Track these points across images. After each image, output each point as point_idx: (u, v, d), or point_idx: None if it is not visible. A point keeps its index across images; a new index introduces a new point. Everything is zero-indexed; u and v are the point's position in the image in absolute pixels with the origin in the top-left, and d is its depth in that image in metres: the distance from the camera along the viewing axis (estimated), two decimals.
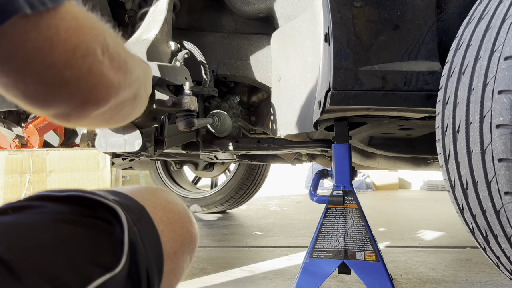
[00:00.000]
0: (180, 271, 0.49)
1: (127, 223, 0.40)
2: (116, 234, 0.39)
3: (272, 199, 4.84)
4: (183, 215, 0.51)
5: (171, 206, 0.50)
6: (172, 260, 0.47)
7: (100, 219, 0.40)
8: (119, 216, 0.41)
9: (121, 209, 0.41)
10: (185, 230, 0.50)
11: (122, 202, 0.43)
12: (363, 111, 1.12)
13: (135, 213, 0.43)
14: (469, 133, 0.82)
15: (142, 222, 0.43)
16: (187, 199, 3.20)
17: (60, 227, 0.37)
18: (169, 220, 0.48)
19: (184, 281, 1.50)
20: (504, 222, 0.79)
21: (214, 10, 1.65)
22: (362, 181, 6.61)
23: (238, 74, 1.63)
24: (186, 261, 0.51)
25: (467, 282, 1.47)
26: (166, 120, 1.33)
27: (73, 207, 0.40)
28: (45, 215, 0.37)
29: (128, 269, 0.38)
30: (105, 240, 0.38)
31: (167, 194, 0.53)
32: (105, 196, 0.42)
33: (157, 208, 0.47)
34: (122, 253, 0.38)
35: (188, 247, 0.50)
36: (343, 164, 1.32)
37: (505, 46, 0.77)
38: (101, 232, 0.39)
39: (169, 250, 0.46)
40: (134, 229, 0.41)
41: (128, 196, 0.46)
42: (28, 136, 1.46)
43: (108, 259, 0.36)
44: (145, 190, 0.51)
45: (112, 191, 0.46)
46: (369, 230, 1.25)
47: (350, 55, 1.06)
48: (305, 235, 2.41)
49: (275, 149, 1.77)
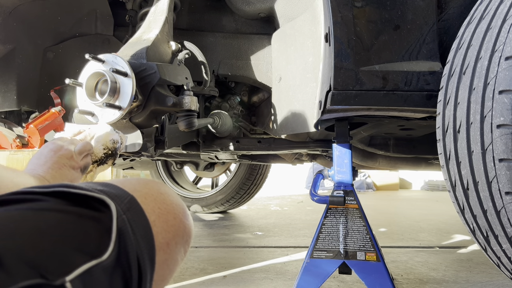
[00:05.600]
0: (174, 262, 0.49)
1: (116, 211, 0.40)
2: (104, 222, 0.39)
3: (273, 199, 4.84)
4: (176, 206, 0.51)
5: (163, 197, 0.50)
6: (164, 251, 0.46)
7: (87, 207, 0.40)
8: (108, 205, 0.41)
9: (109, 198, 0.41)
10: (178, 221, 0.50)
11: (110, 192, 0.43)
12: (363, 111, 1.12)
13: (125, 202, 0.43)
14: (469, 133, 0.82)
15: (132, 211, 0.43)
16: (188, 199, 3.20)
17: (45, 215, 0.37)
18: (161, 211, 0.48)
19: (185, 281, 1.50)
20: (505, 222, 0.79)
21: (214, 10, 1.65)
22: (363, 181, 6.61)
23: (239, 74, 1.63)
24: (180, 253, 0.51)
25: (467, 283, 1.46)
26: (167, 120, 1.33)
27: (59, 200, 0.40)
28: (30, 205, 0.37)
29: (116, 257, 0.38)
30: (91, 227, 0.38)
31: (160, 185, 0.52)
32: (92, 188, 0.42)
33: (148, 199, 0.47)
34: (110, 241, 0.38)
35: (182, 238, 0.50)
36: (343, 164, 1.32)
37: (505, 46, 0.77)
38: (88, 219, 0.39)
39: (161, 241, 0.46)
40: (123, 217, 0.41)
41: (117, 187, 0.46)
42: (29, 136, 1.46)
43: (94, 246, 0.36)
44: (136, 181, 0.50)
45: (101, 182, 0.46)
46: (369, 230, 1.25)
47: (350, 55, 1.06)
48: (305, 235, 2.41)
49: (276, 149, 1.77)
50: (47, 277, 0.31)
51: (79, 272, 0.33)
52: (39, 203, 0.39)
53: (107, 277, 0.36)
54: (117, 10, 1.64)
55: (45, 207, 0.38)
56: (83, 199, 0.41)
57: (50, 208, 0.38)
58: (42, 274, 0.30)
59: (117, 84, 1.08)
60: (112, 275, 0.37)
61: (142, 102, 1.15)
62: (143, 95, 1.15)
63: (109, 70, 1.07)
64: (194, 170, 2.91)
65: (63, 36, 1.65)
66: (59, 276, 0.32)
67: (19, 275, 0.29)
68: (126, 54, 1.19)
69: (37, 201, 0.39)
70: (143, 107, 1.16)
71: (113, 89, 1.07)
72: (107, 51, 1.16)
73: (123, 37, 1.62)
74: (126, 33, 1.62)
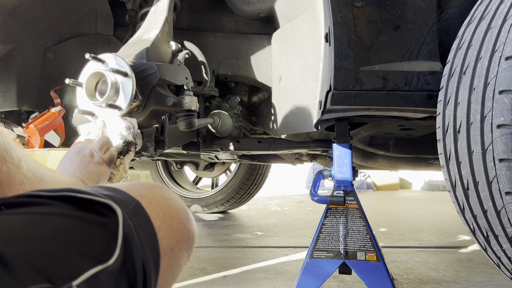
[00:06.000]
0: (177, 267, 0.49)
1: (122, 216, 0.40)
2: (110, 227, 0.39)
3: (273, 199, 4.84)
4: (180, 211, 0.51)
5: (168, 202, 0.50)
6: (169, 256, 0.46)
7: (93, 212, 0.40)
8: (114, 210, 0.41)
9: (115, 203, 0.41)
10: (182, 226, 0.50)
11: (116, 197, 0.43)
12: (364, 111, 1.12)
13: (130, 207, 0.43)
14: (470, 133, 0.82)
15: (138, 217, 0.43)
16: (188, 199, 3.20)
17: (51, 219, 0.37)
18: (165, 216, 0.48)
19: (185, 281, 1.50)
20: (505, 222, 0.79)
21: (214, 10, 1.65)
22: (363, 181, 6.61)
23: (239, 74, 1.63)
24: (184, 258, 0.51)
25: (468, 283, 1.46)
26: (167, 120, 1.33)
27: (65, 204, 0.40)
28: (37, 209, 0.38)
29: (122, 262, 0.38)
30: (98, 232, 0.38)
31: (164, 190, 0.53)
32: (98, 193, 0.42)
33: (153, 204, 0.47)
34: (116, 246, 0.38)
35: (186, 243, 0.50)
36: (343, 164, 1.32)
37: (506, 46, 0.77)
38: (94, 224, 0.39)
39: (165, 246, 0.46)
40: (129, 223, 0.41)
41: (123, 191, 0.46)
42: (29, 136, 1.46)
43: (100, 251, 0.37)
44: (141, 185, 0.50)
45: (107, 187, 0.46)
46: (369, 230, 1.25)
47: (351, 55, 1.06)
48: (306, 235, 2.41)
49: (276, 149, 1.77)
50: (54, 282, 0.31)
51: (86, 277, 0.33)
52: (46, 207, 0.39)
53: (112, 282, 0.36)
54: (117, 10, 1.64)
55: (52, 211, 0.38)
56: (89, 204, 0.41)
57: (57, 212, 0.38)
58: (49, 279, 0.31)
59: (117, 84, 1.08)
60: (117, 280, 0.37)
61: (142, 102, 1.15)
62: (143, 95, 1.15)
63: (109, 70, 1.07)
64: (194, 170, 2.91)
65: (63, 36, 1.65)
66: (66, 281, 0.32)
67: (26, 280, 0.29)
68: (126, 54, 1.19)
69: (44, 205, 0.39)
70: (143, 107, 1.16)
71: (113, 89, 1.07)
72: (107, 51, 1.16)
73: (123, 37, 1.62)
74: (126, 33, 1.62)
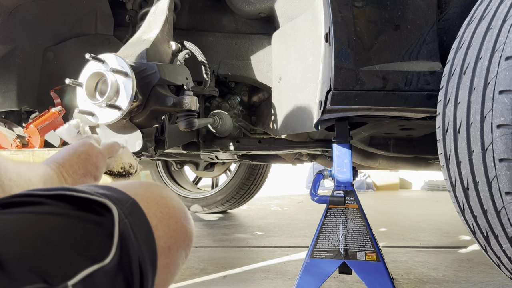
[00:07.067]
0: (175, 267, 0.49)
1: (118, 215, 0.40)
2: (106, 226, 0.39)
3: (273, 199, 4.84)
4: (178, 210, 0.51)
5: (165, 201, 0.50)
6: (166, 255, 0.46)
7: (89, 211, 0.40)
8: (110, 209, 0.40)
9: (111, 202, 0.41)
10: (179, 225, 0.49)
11: (112, 196, 0.43)
12: (364, 111, 1.12)
13: (126, 206, 0.43)
14: (470, 133, 0.82)
15: (134, 215, 0.43)
16: (188, 199, 3.20)
17: (47, 219, 0.37)
18: (163, 215, 0.47)
19: (185, 281, 1.50)
20: (505, 222, 0.79)
21: (214, 10, 1.65)
22: (363, 181, 6.61)
23: (239, 74, 1.63)
24: (181, 257, 0.50)
25: (468, 283, 1.46)
26: (167, 120, 1.33)
27: (61, 203, 0.40)
28: (32, 209, 0.37)
29: (118, 261, 0.38)
30: (94, 231, 0.38)
31: (162, 189, 0.52)
32: (93, 192, 0.42)
33: (150, 203, 0.47)
34: (112, 245, 0.38)
35: (183, 242, 0.50)
36: (343, 164, 1.32)
37: (506, 46, 0.77)
38: (90, 224, 0.39)
39: (163, 245, 0.46)
40: (125, 221, 0.41)
41: (119, 190, 0.45)
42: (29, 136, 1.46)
43: (96, 251, 0.36)
44: (138, 184, 0.50)
45: (103, 186, 0.46)
46: (369, 230, 1.25)
47: (351, 55, 1.06)
48: (306, 235, 2.41)
49: (276, 149, 1.78)
50: (49, 282, 0.31)
51: (82, 277, 0.33)
52: (41, 206, 0.38)
53: (109, 281, 0.36)
54: (117, 10, 1.64)
55: (47, 211, 0.38)
56: (85, 202, 0.41)
57: (53, 212, 0.38)
58: (44, 279, 0.31)
59: (117, 84, 1.08)
60: (114, 280, 0.37)
61: (142, 102, 1.15)
62: (143, 95, 1.15)
63: (109, 70, 1.07)
64: (194, 170, 2.91)
65: (63, 36, 1.65)
66: (62, 280, 0.32)
67: (22, 280, 0.29)
68: (126, 54, 1.19)
69: (40, 205, 0.39)
70: (143, 107, 1.16)
71: (114, 89, 1.07)
72: (107, 51, 1.16)
73: (123, 37, 1.62)
74: (126, 33, 1.62)
